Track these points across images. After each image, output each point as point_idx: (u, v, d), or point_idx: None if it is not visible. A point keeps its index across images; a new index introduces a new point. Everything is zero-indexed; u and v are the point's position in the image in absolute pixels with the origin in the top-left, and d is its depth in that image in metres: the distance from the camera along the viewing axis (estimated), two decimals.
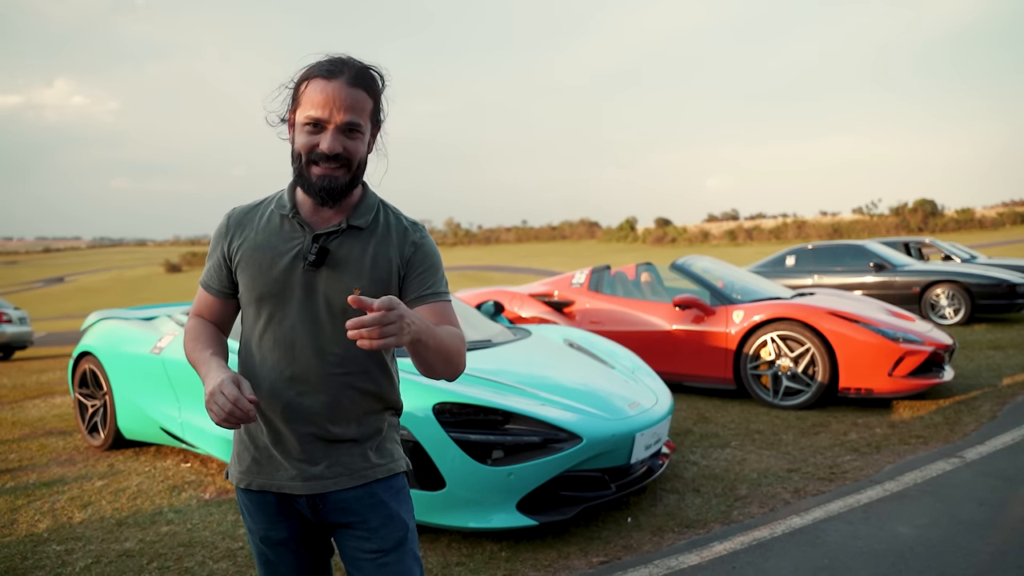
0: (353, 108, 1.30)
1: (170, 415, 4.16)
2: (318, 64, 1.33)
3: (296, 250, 1.36)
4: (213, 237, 1.46)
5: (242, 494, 1.45)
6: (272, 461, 1.40)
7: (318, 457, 1.38)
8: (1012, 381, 5.76)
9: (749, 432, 4.65)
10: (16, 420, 5.78)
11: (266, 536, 1.42)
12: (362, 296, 1.18)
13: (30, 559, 3.02)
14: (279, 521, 1.42)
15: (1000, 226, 57.78)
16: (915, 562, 2.71)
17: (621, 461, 3.16)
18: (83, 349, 4.77)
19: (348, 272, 1.36)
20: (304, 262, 1.35)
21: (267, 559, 1.44)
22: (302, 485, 1.39)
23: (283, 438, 1.39)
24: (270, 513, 1.41)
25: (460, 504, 2.92)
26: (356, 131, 1.32)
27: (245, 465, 1.43)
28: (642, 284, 6.73)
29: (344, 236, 1.38)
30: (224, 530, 3.26)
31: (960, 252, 12.04)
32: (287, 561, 1.44)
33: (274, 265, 1.36)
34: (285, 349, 1.37)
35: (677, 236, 76.89)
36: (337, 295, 1.35)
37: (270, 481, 1.40)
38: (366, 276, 1.36)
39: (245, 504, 1.45)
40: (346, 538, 1.43)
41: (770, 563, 2.76)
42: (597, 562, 2.83)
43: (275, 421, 1.39)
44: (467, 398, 2.99)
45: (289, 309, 1.36)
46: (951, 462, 3.85)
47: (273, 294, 1.36)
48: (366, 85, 1.33)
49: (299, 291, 1.36)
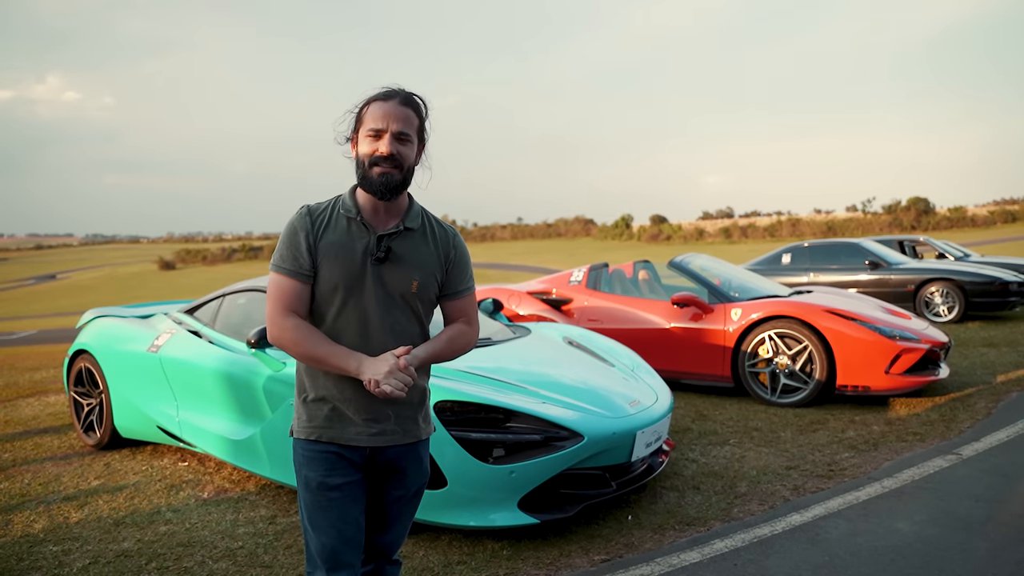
0: (404, 121, 1.66)
1: (168, 414, 4.14)
2: (376, 92, 1.70)
3: (364, 247, 1.69)
4: (292, 228, 1.71)
5: (305, 446, 1.72)
6: (343, 419, 1.71)
7: (381, 417, 1.72)
8: (1006, 378, 5.79)
9: (747, 430, 4.66)
10: (9, 419, 5.73)
11: (324, 482, 1.69)
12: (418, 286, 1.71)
13: (26, 560, 3.00)
14: (336, 470, 1.70)
15: (991, 224, 58.10)
16: (914, 559, 2.72)
17: (622, 459, 3.16)
18: (79, 347, 4.73)
19: (407, 266, 1.71)
20: (371, 257, 1.68)
21: (321, 505, 1.69)
22: (368, 438, 1.71)
23: (355, 400, 1.69)
24: (330, 463, 1.70)
25: (461, 502, 2.91)
26: (407, 139, 1.67)
27: (318, 422, 1.71)
28: (640, 282, 6.73)
29: (402, 236, 1.72)
30: (223, 529, 3.25)
31: (953, 250, 12.10)
32: (338, 505, 1.69)
33: (349, 259, 1.68)
34: (358, 328, 1.69)
35: (672, 234, 76.99)
36: (399, 284, 1.70)
37: (340, 435, 1.70)
38: (420, 270, 1.73)
39: (307, 456, 1.72)
40: (381, 485, 1.78)
41: (771, 560, 2.76)
42: (599, 560, 2.83)
43: (349, 387, 1.69)
44: (468, 396, 2.99)
45: (361, 295, 1.68)
46: (948, 459, 3.87)
47: (348, 284, 1.68)
48: (413, 106, 1.70)
49: (369, 280, 1.68)
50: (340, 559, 1.70)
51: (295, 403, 1.78)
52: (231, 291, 4.33)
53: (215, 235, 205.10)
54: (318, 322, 1.72)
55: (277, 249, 1.71)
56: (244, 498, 3.65)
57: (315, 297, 1.71)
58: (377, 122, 1.64)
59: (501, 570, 2.76)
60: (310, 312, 1.72)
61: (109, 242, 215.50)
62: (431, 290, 1.76)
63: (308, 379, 1.74)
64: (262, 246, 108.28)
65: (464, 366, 3.27)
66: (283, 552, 2.99)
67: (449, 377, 3.17)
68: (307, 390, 1.74)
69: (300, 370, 1.76)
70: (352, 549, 1.71)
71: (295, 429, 1.76)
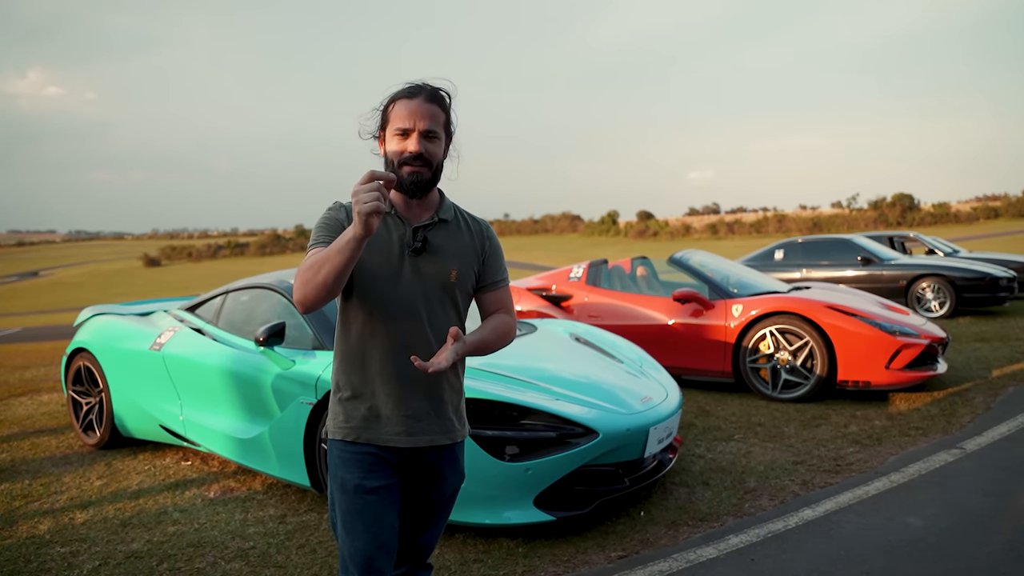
0: (431, 118, 1.65)
1: (171, 412, 4.08)
2: (400, 89, 1.68)
3: (400, 239, 1.67)
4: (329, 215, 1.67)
5: (341, 447, 1.69)
6: (380, 418, 1.68)
7: (420, 415, 1.69)
8: (1001, 373, 5.86)
9: (751, 425, 4.69)
10: (3, 418, 5.64)
11: (360, 484, 1.65)
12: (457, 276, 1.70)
13: (34, 562, 2.95)
14: (374, 471, 1.66)
15: (974, 220, 58.85)
16: (929, 552, 2.75)
17: (635, 455, 3.16)
18: (77, 345, 4.66)
19: (444, 256, 1.70)
20: (408, 249, 1.67)
21: (357, 508, 1.65)
22: (407, 439, 1.68)
23: (393, 396, 1.67)
24: (367, 464, 1.66)
25: (477, 501, 2.89)
26: (434, 137, 1.66)
27: (355, 422, 1.68)
28: (638, 278, 6.74)
29: (437, 227, 1.71)
30: (233, 529, 3.21)
31: (943, 246, 12.22)
32: (375, 508, 1.65)
33: (386, 251, 1.66)
34: (396, 321, 1.66)
35: (659, 230, 77.24)
36: (437, 274, 1.68)
37: (377, 435, 1.67)
38: (458, 259, 1.72)
39: (343, 457, 1.68)
40: (416, 487, 1.74)
41: (787, 555, 2.78)
42: (615, 556, 2.83)
43: (385, 383, 1.67)
44: (483, 394, 2.97)
45: (398, 287, 1.66)
46: (952, 453, 3.91)
47: (385, 274, 1.66)
48: (439, 102, 1.68)
49: (407, 271, 1.67)
50: (374, 564, 1.65)
51: (330, 402, 1.75)
52: (234, 288, 4.28)
53: (200, 231, 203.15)
54: (356, 316, 1.68)
55: (313, 235, 1.67)
56: (251, 497, 3.62)
57: (353, 290, 1.67)
58: (404, 121, 1.63)
59: (519, 568, 2.76)
60: (347, 306, 1.70)
61: (93, 239, 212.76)
62: (469, 281, 1.74)
63: (343, 377, 1.71)
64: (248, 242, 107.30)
65: (477, 363, 3.25)
66: (296, 552, 2.96)
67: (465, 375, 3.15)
68: (342, 388, 1.71)
69: (336, 369, 1.74)
70: (386, 555, 1.67)
71: (330, 429, 1.72)
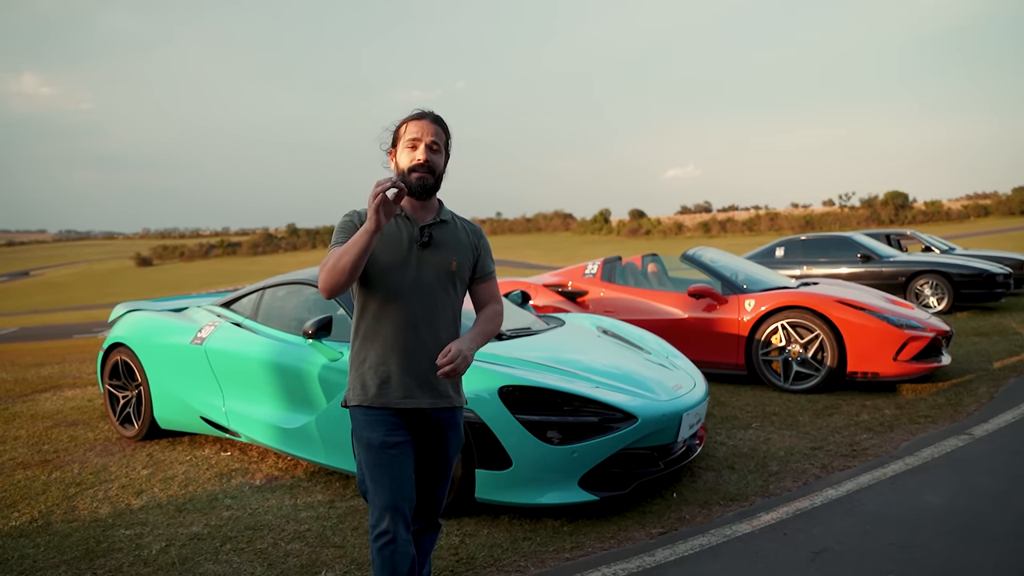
0: (435, 134, 2.04)
1: (213, 404, 4.23)
2: (411, 114, 2.08)
3: (409, 235, 2.04)
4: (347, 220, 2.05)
5: (364, 412, 2.01)
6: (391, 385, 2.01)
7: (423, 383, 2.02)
8: (1002, 365, 6.09)
9: (766, 414, 4.88)
10: (34, 413, 5.76)
11: (384, 441, 1.97)
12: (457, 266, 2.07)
13: (104, 543, 3.10)
14: (395, 430, 2.00)
15: (965, 218, 59.52)
16: (951, 523, 2.94)
17: (668, 439, 3.34)
18: (115, 340, 4.79)
19: (446, 249, 2.07)
20: (416, 243, 2.03)
21: (382, 462, 1.97)
22: (413, 402, 2.01)
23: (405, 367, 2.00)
24: (389, 423, 1.99)
25: (524, 482, 3.07)
26: (438, 149, 2.04)
27: (373, 389, 2.00)
28: (649, 274, 6.93)
29: (439, 226, 2.09)
30: (286, 514, 3.37)
31: (939, 244, 12.48)
32: (399, 461, 1.98)
33: (397, 246, 2.03)
34: (406, 303, 2.00)
35: (651, 228, 77.61)
36: (440, 264, 2.05)
37: (390, 399, 2.00)
38: (457, 252, 2.09)
39: (366, 420, 2.00)
40: (429, 443, 2.08)
41: (817, 530, 2.96)
42: (656, 533, 3.01)
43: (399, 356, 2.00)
44: (530, 382, 3.14)
45: (406, 275, 2.01)
46: (962, 439, 4.12)
47: (397, 265, 2.01)
48: (441, 124, 2.08)
49: (414, 262, 2.02)
50: (399, 508, 1.96)
51: (350, 376, 2.06)
52: (271, 284, 4.43)
53: (192, 231, 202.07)
54: (370, 302, 2.01)
55: (333, 237, 2.01)
56: (297, 484, 3.77)
57: (370, 279, 1.99)
58: (414, 133, 2.02)
59: (567, 544, 2.93)
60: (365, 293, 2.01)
61: (84, 238, 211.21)
62: (466, 271, 2.10)
63: (362, 352, 2.03)
64: (240, 242, 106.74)
65: (519, 354, 3.42)
66: (351, 533, 3.12)
67: (510, 365, 3.33)
68: (359, 362, 2.03)
69: (356, 347, 2.05)
70: (408, 502, 1.98)
71: (349, 398, 2.05)
